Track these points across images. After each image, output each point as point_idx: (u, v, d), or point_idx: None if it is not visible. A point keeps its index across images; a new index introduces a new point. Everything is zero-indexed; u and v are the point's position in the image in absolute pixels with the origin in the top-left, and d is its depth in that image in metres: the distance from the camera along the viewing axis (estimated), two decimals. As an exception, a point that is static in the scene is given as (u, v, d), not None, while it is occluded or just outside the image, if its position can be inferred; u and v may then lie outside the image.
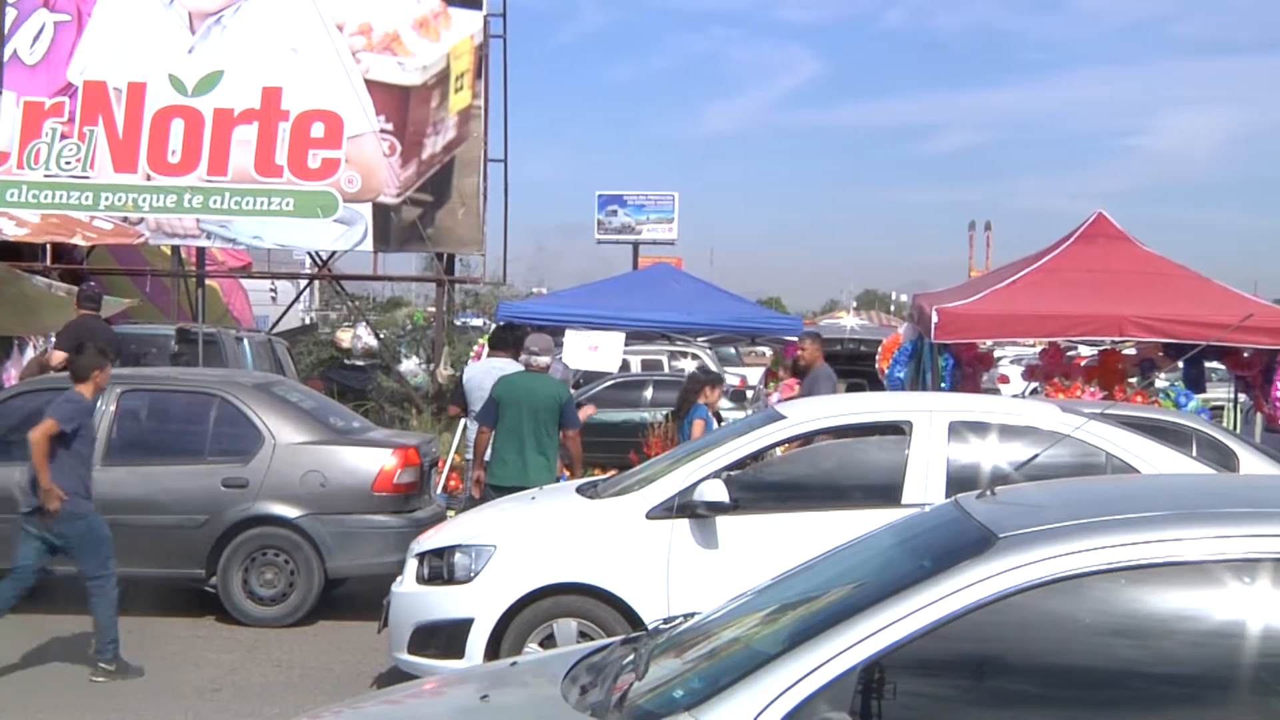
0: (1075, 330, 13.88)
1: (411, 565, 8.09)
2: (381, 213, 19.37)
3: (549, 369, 11.15)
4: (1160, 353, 14.79)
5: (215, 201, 19.20)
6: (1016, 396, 14.83)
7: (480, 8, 19.80)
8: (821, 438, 8.88)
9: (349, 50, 19.38)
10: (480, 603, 7.70)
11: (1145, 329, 13.26)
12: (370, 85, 19.39)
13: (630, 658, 4.10)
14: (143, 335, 16.72)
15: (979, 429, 7.98)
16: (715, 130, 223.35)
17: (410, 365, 22.48)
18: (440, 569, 7.91)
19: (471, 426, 11.57)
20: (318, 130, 19.27)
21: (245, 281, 25.06)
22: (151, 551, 10.11)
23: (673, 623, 4.51)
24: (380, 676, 8.59)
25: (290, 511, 10.26)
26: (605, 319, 14.32)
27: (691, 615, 4.55)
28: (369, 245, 19.63)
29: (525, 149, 73.60)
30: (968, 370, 14.62)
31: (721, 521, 7.67)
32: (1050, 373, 14.67)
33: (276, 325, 22.74)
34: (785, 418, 8.35)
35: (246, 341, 17.32)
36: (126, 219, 19.24)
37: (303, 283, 24.85)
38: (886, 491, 7.77)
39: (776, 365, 15.41)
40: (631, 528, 7.77)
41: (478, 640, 7.63)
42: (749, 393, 22.40)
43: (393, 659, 8.09)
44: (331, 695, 7.88)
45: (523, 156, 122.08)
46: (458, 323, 22.16)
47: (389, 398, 19.86)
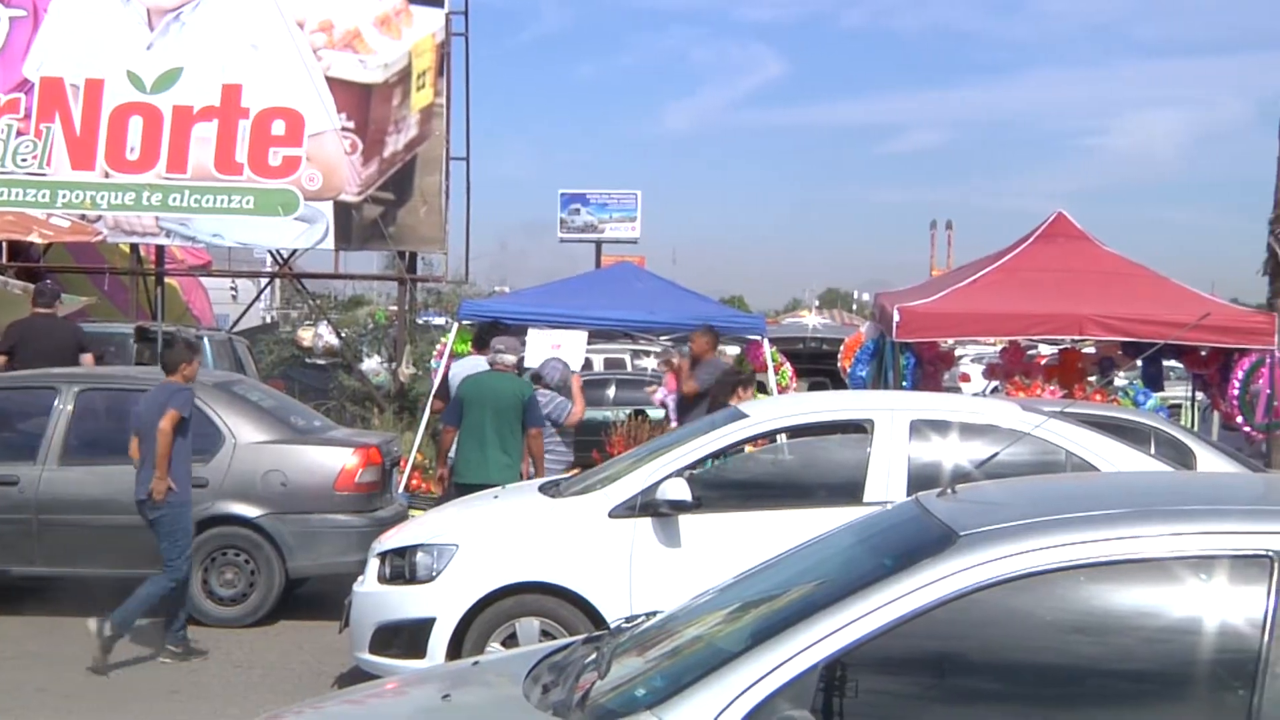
0: (1035, 329, 13.98)
1: (373, 565, 8.06)
2: (343, 211, 19.25)
3: (515, 368, 11.29)
4: (1119, 351, 14.92)
5: (174, 199, 19.03)
6: (977, 395, 14.90)
7: (442, 5, 19.70)
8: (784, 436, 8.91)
9: (310, 48, 19.25)
10: (442, 602, 7.68)
11: (1104, 328, 13.36)
12: (331, 83, 19.26)
13: (592, 657, 4.10)
14: (101, 334, 16.56)
15: (940, 427, 8.01)
16: (678, 129, 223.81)
17: (372, 364, 22.38)
18: (402, 568, 7.89)
19: None
20: (278, 128, 19.14)
21: (205, 280, 24.88)
22: (110, 552, 10.05)
23: (635, 621, 4.51)
24: (342, 676, 8.56)
25: (251, 511, 10.21)
26: (568, 318, 14.29)
27: (654, 614, 4.55)
28: (330, 243, 19.50)
29: (488, 147, 73.72)
30: (929, 369, 14.69)
31: (684, 520, 7.68)
32: (1011, 371, 14.77)
33: (237, 324, 22.53)
34: (747, 416, 8.37)
35: (206, 340, 17.18)
36: (84, 216, 19.05)
37: (263, 281, 24.69)
38: (848, 490, 7.79)
39: (741, 364, 15.43)
40: (594, 526, 7.77)
41: (440, 640, 7.61)
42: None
43: (354, 659, 8.07)
44: (292, 695, 7.84)
45: (485, 155, 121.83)
46: (420, 321, 22.05)
47: (350, 397, 19.76)
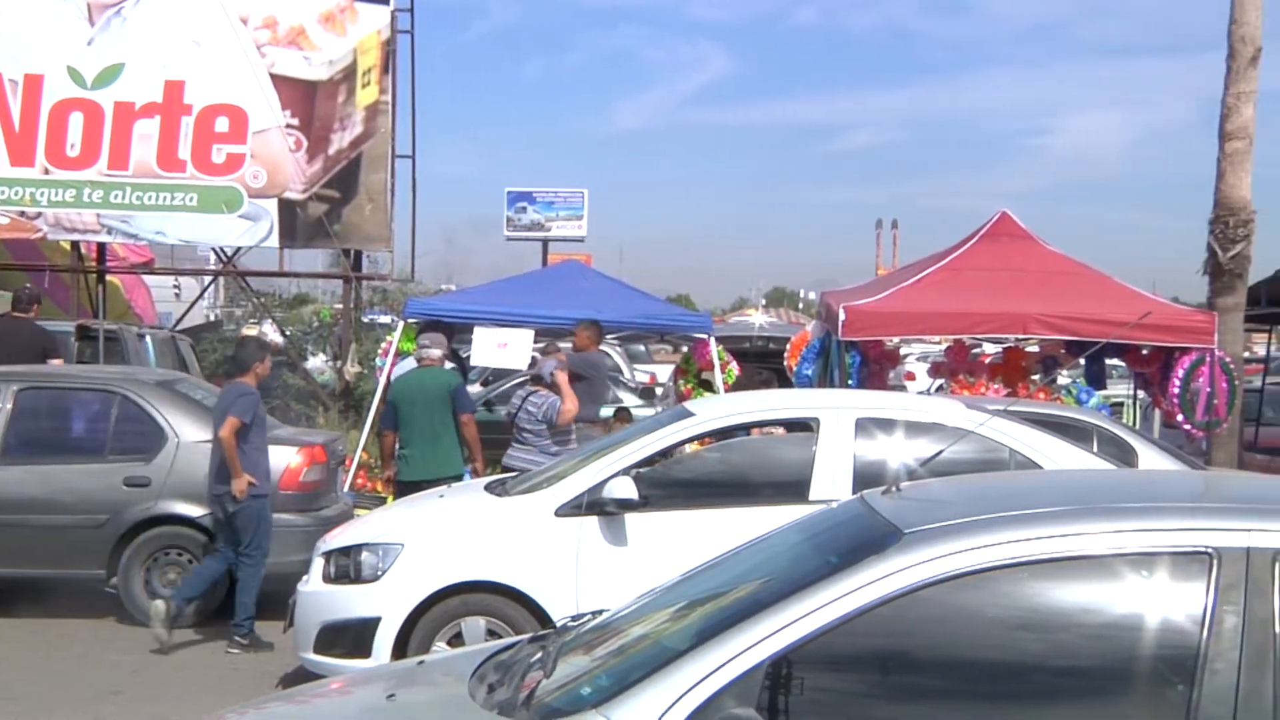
0: (980, 328, 14.05)
1: (318, 564, 8.03)
2: (287, 208, 19.13)
3: (441, 361, 11.52)
4: (1062, 350, 15.01)
5: (116, 196, 18.84)
6: (922, 393, 14.98)
7: (387, 3, 19.60)
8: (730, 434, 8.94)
9: (253, 44, 19.11)
10: (387, 601, 7.65)
11: (1048, 326, 13.45)
12: (275, 80, 19.13)
13: (538, 656, 4.09)
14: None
15: (885, 425, 8.05)
16: (626, 128, 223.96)
17: (317, 362, 22.26)
18: (347, 568, 7.86)
19: None
20: (222, 125, 18.99)
21: (148, 278, 24.60)
22: (51, 552, 9.98)
23: (581, 620, 4.50)
24: (286, 676, 8.50)
25: (194, 510, 10.13)
26: (514, 316, 14.25)
27: (600, 612, 4.55)
28: (275, 241, 19.38)
29: (434, 145, 73.64)
30: (874, 367, 14.73)
31: (630, 518, 7.68)
32: (955, 370, 14.84)
33: (180, 322, 22.37)
34: (694, 415, 8.38)
35: (149, 338, 17.02)
36: (24, 213, 18.84)
37: (207, 279, 24.50)
38: (794, 488, 7.81)
39: (687, 363, 15.44)
40: (540, 525, 7.76)
41: (385, 639, 7.58)
42: (658, 390, 22.44)
43: (298, 658, 8.02)
44: (236, 696, 7.75)
45: (432, 153, 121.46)
46: (365, 320, 21.95)
47: (295, 395, 19.64)
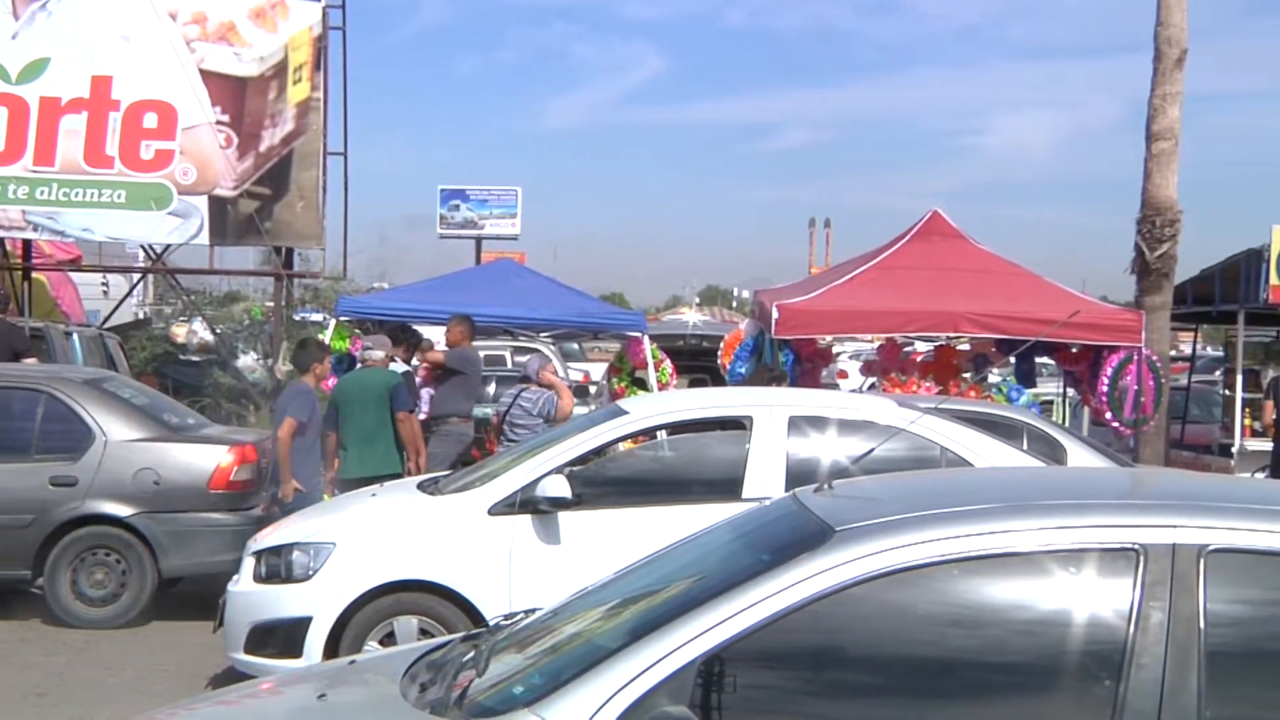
0: (911, 326, 14.16)
1: (249, 563, 7.96)
2: (218, 205, 18.96)
3: (383, 363, 11.68)
4: (993, 348, 15.15)
5: (42, 192, 18.59)
6: (855, 391, 15.07)
7: (319, -1, 19.50)
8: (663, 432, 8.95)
9: (183, 39, 18.91)
10: (319, 601, 7.60)
11: (979, 325, 13.58)
12: (205, 76, 18.94)
13: (471, 654, 4.08)
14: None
15: (818, 423, 8.08)
16: (559, 125, 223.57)
17: (248, 361, 22.03)
18: (278, 567, 7.80)
19: None
20: (150, 121, 18.77)
21: (75, 275, 24.30)
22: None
23: (514, 619, 4.49)
24: (215, 677, 8.42)
25: (122, 510, 10.03)
26: (447, 314, 14.17)
27: (533, 611, 4.53)
28: (205, 238, 19.20)
29: (367, 142, 73.16)
30: (807, 365, 14.81)
31: (564, 517, 7.67)
32: (887, 368, 14.94)
33: (108, 320, 22.05)
34: (627, 413, 8.38)
35: (76, 336, 16.76)
36: (-53, 210, 18.56)
37: (135, 277, 24.22)
38: (727, 486, 7.83)
39: (621, 361, 15.44)
40: (473, 524, 7.73)
41: (316, 639, 7.53)
42: (592, 388, 22.42)
43: (229, 659, 7.95)
44: (164, 697, 7.69)
45: (364, 150, 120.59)
46: (297, 318, 21.79)
47: (226, 394, 19.47)
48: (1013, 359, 15.72)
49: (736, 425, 8.28)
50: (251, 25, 19.13)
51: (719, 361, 16.47)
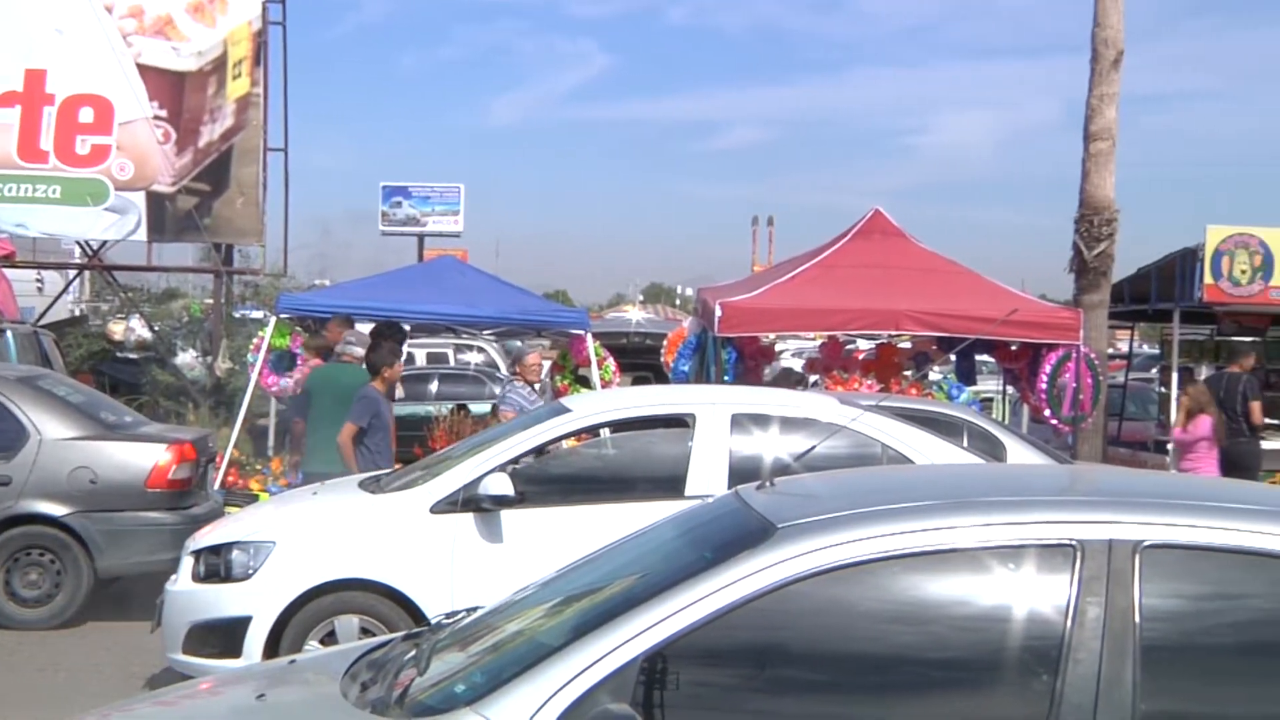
0: (853, 324, 14.22)
1: (187, 563, 7.89)
2: (156, 201, 18.80)
3: (360, 361, 11.50)
4: (934, 346, 15.24)
5: (-24, 188, 18.38)
6: (797, 388, 15.12)
7: (259, -7, 19.37)
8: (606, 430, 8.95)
9: (119, 33, 18.74)
10: (259, 600, 7.54)
11: (920, 323, 13.65)
12: (143, 70, 18.80)
13: (412, 653, 4.06)
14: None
15: (760, 421, 8.11)
16: (503, 122, 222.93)
17: (187, 358, 21.86)
18: (217, 566, 7.73)
19: None
20: (86, 115, 18.60)
21: (9, 271, 23.96)
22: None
23: (456, 617, 4.48)
24: (153, 678, 8.35)
25: (57, 509, 9.91)
26: (389, 311, 14.13)
27: (475, 609, 4.52)
28: (143, 235, 19.06)
29: (308, 138, 72.69)
30: (750, 363, 14.85)
31: (506, 515, 7.65)
32: (829, 365, 15.00)
33: (43, 317, 21.81)
34: (570, 411, 8.37)
35: (10, 334, 16.55)
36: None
37: (71, 273, 23.98)
38: (670, 483, 7.84)
39: (564, 359, 15.42)
40: (415, 522, 7.70)
41: (256, 638, 7.47)
42: (535, 386, 22.36)
43: (166, 659, 7.88)
44: (100, 698, 7.58)
45: (306, 146, 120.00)
46: (237, 315, 21.61)
47: (164, 392, 19.30)
48: (953, 357, 15.82)
49: (679, 423, 8.29)
50: (190, 19, 18.98)
51: (662, 359, 16.50)
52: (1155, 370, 22.32)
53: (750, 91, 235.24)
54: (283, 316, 14.38)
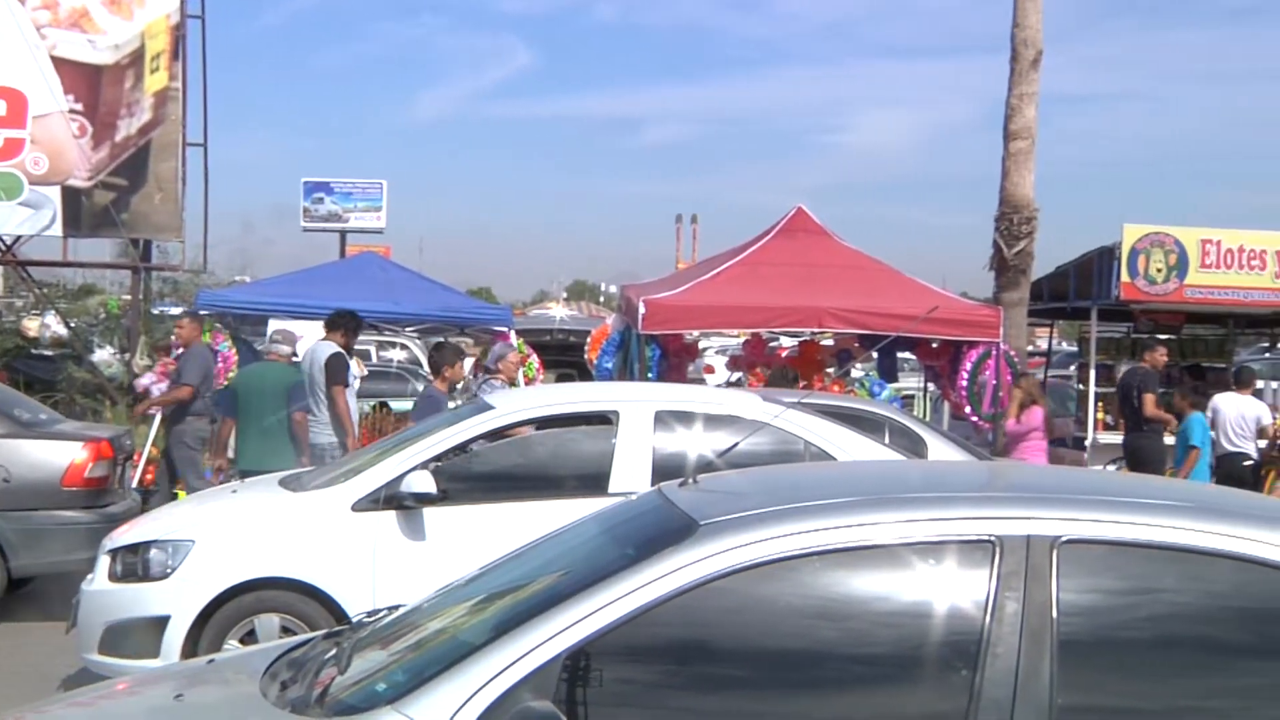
0: (776, 322, 14.30)
1: (104, 562, 7.79)
2: (72, 196, 18.51)
3: (288, 358, 11.91)
4: (856, 344, 15.36)
5: (-116, 181, 18.01)
6: (721, 386, 15.18)
7: (177, -15, 19.11)
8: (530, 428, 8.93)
9: (32, 25, 18.41)
10: (177, 599, 7.46)
11: (842, 320, 13.75)
12: (57, 63, 18.47)
13: (333, 652, 4.03)
14: None
15: (684, 418, 8.13)
16: (426, 119, 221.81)
17: (104, 355, 21.56)
18: (135, 565, 7.64)
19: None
20: (-1, 108, 18.28)
21: (-80, 267, 23.61)
22: None
23: (377, 616, 4.45)
24: (68, 679, 8.22)
25: (-33, 509, 9.73)
26: (310, 308, 14.03)
27: (397, 608, 4.49)
28: (58, 230, 18.75)
29: (229, 133, 71.89)
30: (674, 360, 14.89)
31: (429, 513, 7.62)
32: (753, 363, 15.09)
33: (-45, 313, 21.49)
34: (494, 408, 8.35)
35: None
36: None
37: (-15, 269, 23.60)
38: (594, 480, 7.84)
39: (486, 357, 15.37)
40: (336, 520, 7.65)
41: (174, 638, 7.39)
42: (459, 384, 22.29)
43: (82, 660, 7.77)
44: (14, 700, 7.44)
45: (226, 141, 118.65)
46: (155, 311, 21.34)
47: (80, 389, 19.02)
48: (875, 354, 15.95)
49: (603, 420, 8.29)
50: (106, 12, 18.70)
51: (586, 356, 16.50)
52: (1074, 367, 22.60)
53: (675, 89, 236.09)
54: (202, 313, 14.22)
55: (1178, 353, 17.98)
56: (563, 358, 21.29)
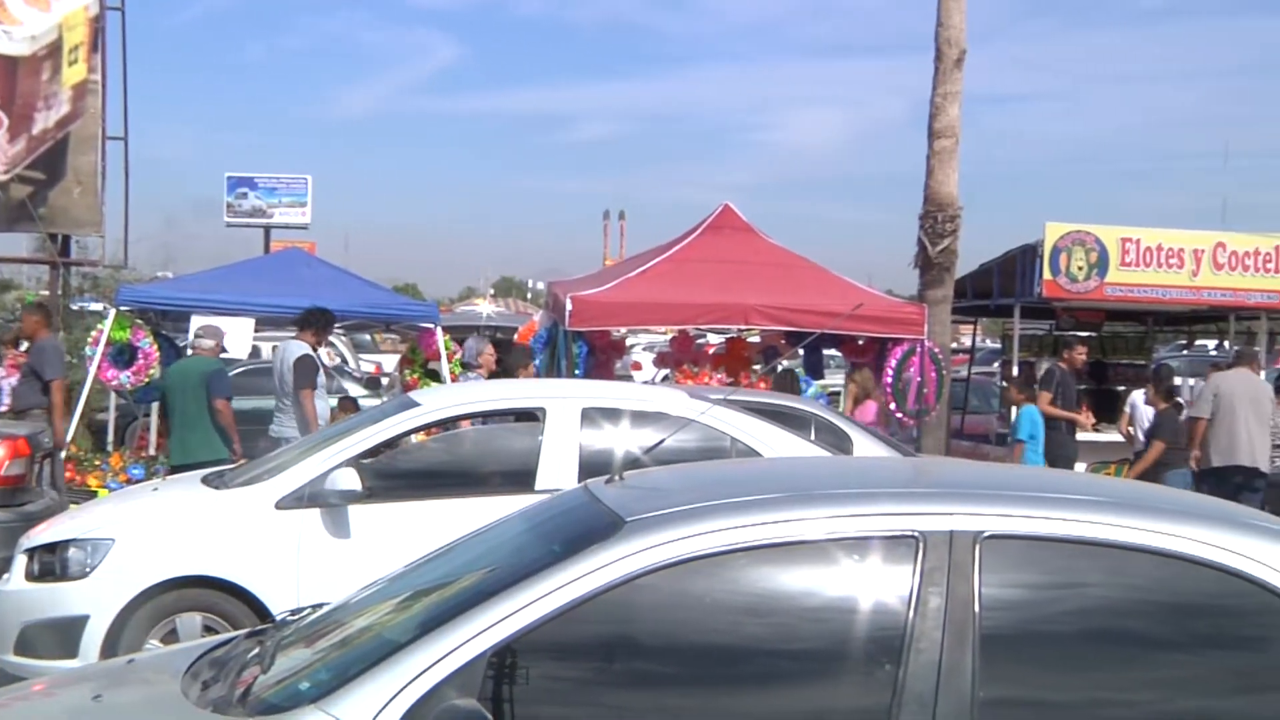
0: (703, 318, 14.33)
1: (20, 561, 7.66)
2: (-13, 190, 18.21)
3: (213, 352, 12.11)
4: (782, 340, 15.42)
5: None
6: (648, 383, 15.19)
7: (97, -23, 18.85)
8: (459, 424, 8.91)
9: (-54, 14, 18.11)
10: (96, 599, 7.35)
11: (768, 317, 13.81)
12: (-28, 54, 18.18)
13: (256, 651, 3.99)
14: None
15: (611, 415, 8.12)
16: (351, 113, 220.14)
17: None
18: (52, 564, 7.53)
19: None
20: (-89, 99, 17.95)
21: None
22: None
23: (301, 614, 4.41)
24: (-15, 681, 8.08)
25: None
26: (234, 304, 13.89)
27: (321, 606, 4.46)
28: (-28, 224, 18.44)
29: (150, 127, 71.08)
30: (601, 357, 14.89)
31: (354, 510, 7.57)
32: (680, 359, 15.10)
33: None
34: (420, 405, 8.30)
35: None
36: None
37: (-103, 264, 23.19)
38: (521, 477, 7.82)
39: (413, 353, 15.28)
40: (259, 518, 7.58)
41: (93, 638, 7.29)
42: (384, 380, 22.19)
43: (-2, 661, 7.64)
44: (-70, 704, 7.35)
45: (147, 135, 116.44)
46: (75, 307, 21.04)
47: (-2, 386, 18.68)
48: (801, 351, 16.03)
49: (530, 417, 8.28)
50: (22, 3, 18.40)
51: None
52: (997, 364, 22.81)
53: (601, 86, 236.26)
54: (123, 309, 14.04)
55: (1098, 350, 18.20)
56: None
